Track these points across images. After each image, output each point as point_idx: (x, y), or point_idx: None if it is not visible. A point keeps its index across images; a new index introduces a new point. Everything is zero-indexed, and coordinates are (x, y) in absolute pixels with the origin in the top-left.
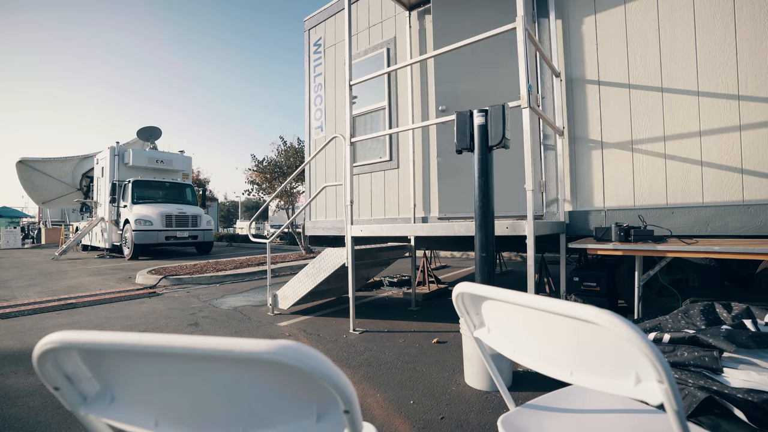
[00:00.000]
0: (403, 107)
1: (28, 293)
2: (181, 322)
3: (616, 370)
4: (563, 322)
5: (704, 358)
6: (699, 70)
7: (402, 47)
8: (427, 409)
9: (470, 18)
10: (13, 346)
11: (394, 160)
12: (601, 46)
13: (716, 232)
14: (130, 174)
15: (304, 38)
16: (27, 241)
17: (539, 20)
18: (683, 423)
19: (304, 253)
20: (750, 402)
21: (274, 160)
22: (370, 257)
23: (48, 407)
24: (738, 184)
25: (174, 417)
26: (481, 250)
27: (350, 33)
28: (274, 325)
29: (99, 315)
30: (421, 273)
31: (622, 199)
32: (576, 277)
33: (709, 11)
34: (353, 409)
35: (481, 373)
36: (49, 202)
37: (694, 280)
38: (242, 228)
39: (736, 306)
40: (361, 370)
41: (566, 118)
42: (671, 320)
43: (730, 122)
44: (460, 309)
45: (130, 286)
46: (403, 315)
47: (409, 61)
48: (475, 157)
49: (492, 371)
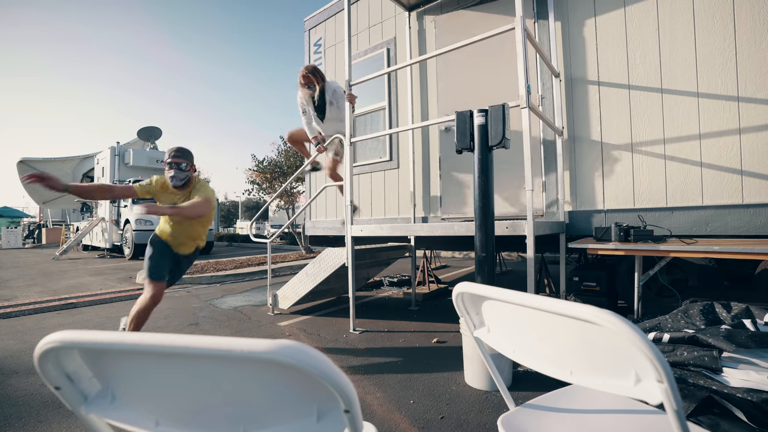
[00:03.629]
0: (403, 107)
1: (28, 293)
2: (181, 321)
3: (616, 370)
4: (563, 322)
5: (704, 358)
6: (698, 71)
7: (402, 47)
8: (427, 408)
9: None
10: (14, 346)
11: (394, 160)
12: (600, 46)
13: (716, 232)
14: (130, 174)
15: (304, 38)
16: (28, 240)
17: (539, 21)
18: (683, 423)
19: (305, 253)
20: (749, 402)
21: (275, 160)
22: (370, 257)
23: (48, 407)
24: (737, 185)
25: (175, 417)
26: (481, 250)
27: (350, 33)
28: (275, 324)
29: (100, 315)
30: (421, 273)
31: (622, 199)
32: (576, 277)
33: (708, 12)
34: (353, 408)
35: (481, 373)
36: (50, 202)
37: (693, 280)
38: (242, 228)
39: (736, 306)
40: (361, 369)
41: (566, 119)
42: (671, 320)
43: (730, 123)
44: (460, 309)
45: (130, 285)
46: (403, 315)
47: (409, 62)
48: (475, 157)
49: (492, 371)
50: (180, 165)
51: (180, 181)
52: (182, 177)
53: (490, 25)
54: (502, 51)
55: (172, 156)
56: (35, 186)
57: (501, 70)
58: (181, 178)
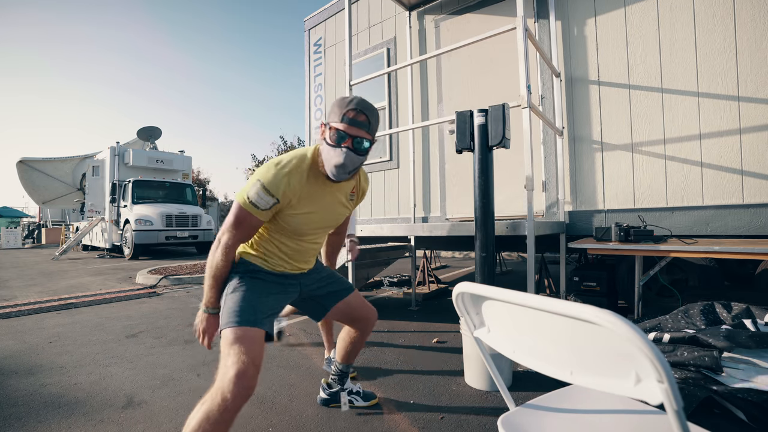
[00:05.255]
0: (403, 107)
1: (28, 293)
2: (181, 321)
3: (616, 370)
4: (563, 322)
5: (704, 358)
6: (699, 70)
7: (402, 47)
8: (427, 408)
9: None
10: (14, 346)
11: (394, 160)
12: (601, 46)
13: (716, 232)
14: (130, 174)
15: (304, 38)
16: (27, 240)
17: (539, 21)
18: (683, 423)
19: None
20: (750, 402)
21: None
22: (370, 257)
23: (48, 407)
24: (738, 185)
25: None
26: (481, 250)
27: (350, 33)
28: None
29: (100, 314)
30: (421, 273)
31: (622, 199)
32: (576, 277)
33: (708, 12)
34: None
35: (481, 373)
36: (50, 202)
37: (694, 280)
38: None
39: (736, 306)
40: (360, 369)
41: (566, 119)
42: (671, 320)
43: (730, 123)
44: (460, 309)
45: (130, 285)
46: (403, 315)
47: (409, 61)
48: (476, 157)
49: (492, 371)
50: (363, 143)
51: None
52: (358, 163)
53: (490, 25)
54: (502, 51)
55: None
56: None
57: (501, 70)
58: (357, 165)
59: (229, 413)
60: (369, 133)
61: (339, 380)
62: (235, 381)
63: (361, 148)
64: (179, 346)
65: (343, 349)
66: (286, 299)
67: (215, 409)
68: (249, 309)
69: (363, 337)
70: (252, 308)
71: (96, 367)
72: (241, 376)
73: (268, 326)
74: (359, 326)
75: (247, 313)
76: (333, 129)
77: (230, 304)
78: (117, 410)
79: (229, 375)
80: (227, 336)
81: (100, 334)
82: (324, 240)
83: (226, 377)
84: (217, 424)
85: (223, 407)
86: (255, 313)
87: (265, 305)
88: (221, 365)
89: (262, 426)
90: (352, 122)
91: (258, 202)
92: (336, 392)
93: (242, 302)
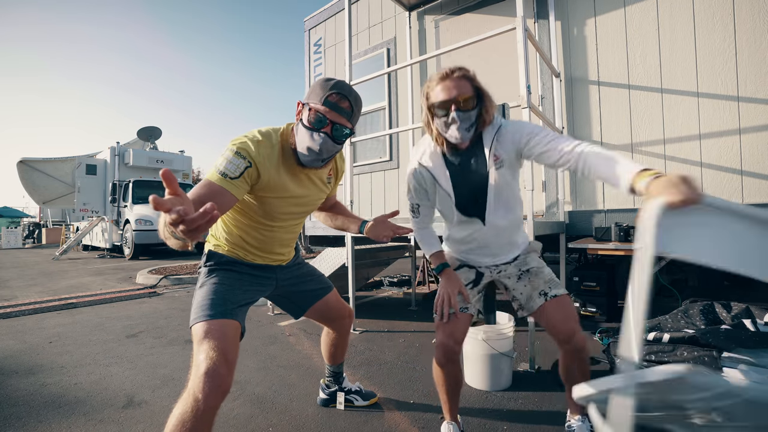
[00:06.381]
0: (403, 107)
1: (28, 293)
2: (182, 321)
3: None
4: None
5: (704, 358)
6: (698, 70)
7: (402, 47)
8: (427, 408)
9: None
10: (14, 346)
11: (394, 160)
12: (600, 46)
13: None
14: (130, 174)
15: (304, 38)
16: (28, 240)
17: (539, 21)
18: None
19: (305, 253)
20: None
21: None
22: (370, 257)
23: (48, 407)
24: (737, 185)
25: None
26: None
27: (350, 33)
28: (275, 324)
29: (100, 314)
30: (421, 273)
31: (622, 199)
32: (576, 277)
33: (708, 12)
34: None
35: (481, 373)
36: (50, 202)
37: (693, 280)
38: None
39: (736, 306)
40: (361, 369)
41: (566, 119)
42: (671, 320)
43: (730, 123)
44: None
45: (130, 285)
46: (403, 315)
47: (409, 61)
48: None
49: (492, 371)
50: (344, 131)
51: (327, 158)
52: (334, 152)
53: (490, 25)
54: (502, 51)
55: (333, 103)
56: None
57: (501, 70)
58: (332, 154)
59: (204, 414)
60: (350, 121)
61: (334, 380)
62: (205, 380)
63: (341, 136)
64: (179, 346)
65: (326, 351)
66: (260, 292)
67: (189, 412)
68: (219, 301)
69: (342, 337)
70: (222, 300)
71: (96, 367)
72: (212, 374)
73: (241, 317)
74: (336, 326)
75: (217, 305)
76: (313, 111)
77: (199, 298)
78: (117, 410)
79: (199, 373)
80: (197, 332)
81: (100, 333)
82: (300, 230)
83: (197, 376)
84: (194, 429)
85: (195, 408)
86: (225, 304)
87: (236, 296)
88: (193, 364)
89: (262, 426)
90: (333, 107)
91: (228, 168)
92: (334, 392)
93: (212, 295)
